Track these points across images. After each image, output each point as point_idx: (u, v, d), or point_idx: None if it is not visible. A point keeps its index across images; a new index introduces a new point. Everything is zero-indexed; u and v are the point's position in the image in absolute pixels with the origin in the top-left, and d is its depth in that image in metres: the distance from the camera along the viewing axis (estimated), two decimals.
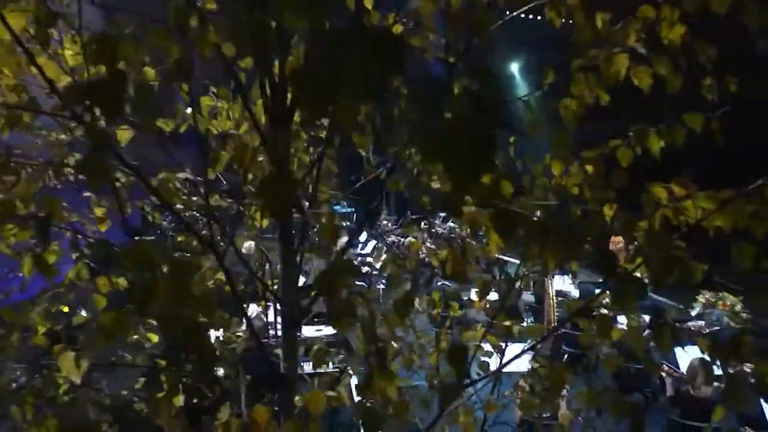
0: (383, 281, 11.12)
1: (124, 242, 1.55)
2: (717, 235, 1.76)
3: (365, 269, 12.02)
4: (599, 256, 1.09)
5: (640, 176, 1.76)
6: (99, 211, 1.92)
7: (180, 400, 2.07)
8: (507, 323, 2.05)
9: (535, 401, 2.22)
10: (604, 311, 2.52)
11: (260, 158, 2.09)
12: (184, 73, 1.16)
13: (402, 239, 12.07)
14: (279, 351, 2.03)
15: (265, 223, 2.81)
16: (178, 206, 2.10)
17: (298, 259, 2.11)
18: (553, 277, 9.32)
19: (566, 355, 8.00)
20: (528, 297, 11.08)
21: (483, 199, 1.11)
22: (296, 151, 2.65)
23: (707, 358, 1.34)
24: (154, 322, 1.88)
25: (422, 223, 15.41)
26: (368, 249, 13.27)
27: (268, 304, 3.57)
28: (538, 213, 1.25)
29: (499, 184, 1.13)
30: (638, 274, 1.51)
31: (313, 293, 1.97)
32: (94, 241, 1.70)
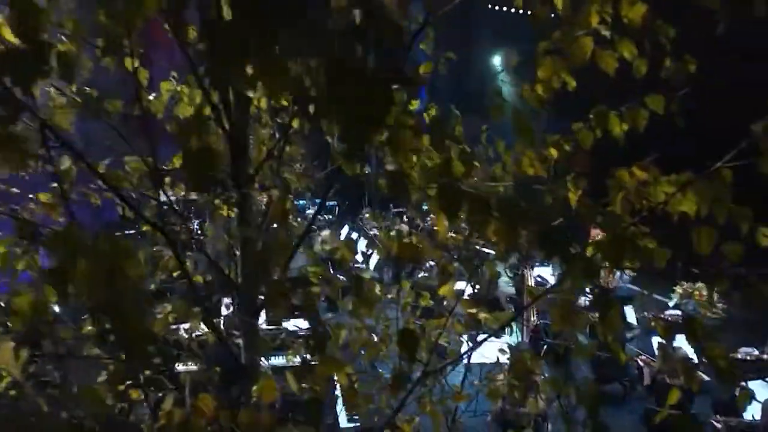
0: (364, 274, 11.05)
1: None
2: (682, 221, 1.75)
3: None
4: (545, 235, 1.06)
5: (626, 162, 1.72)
6: (44, 197, 1.85)
7: (138, 393, 2.02)
8: (473, 311, 2.03)
9: (503, 391, 2.20)
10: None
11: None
12: (113, 48, 1.10)
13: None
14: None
15: (233, 213, 2.74)
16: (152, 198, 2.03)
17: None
18: (532, 269, 9.37)
19: (545, 346, 8.05)
20: (510, 289, 11.15)
21: (433, 176, 1.07)
22: (264, 141, 2.60)
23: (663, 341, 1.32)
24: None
25: (404, 216, 15.39)
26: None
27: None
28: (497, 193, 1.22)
29: (450, 164, 1.09)
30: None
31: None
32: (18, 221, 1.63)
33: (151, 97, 2.42)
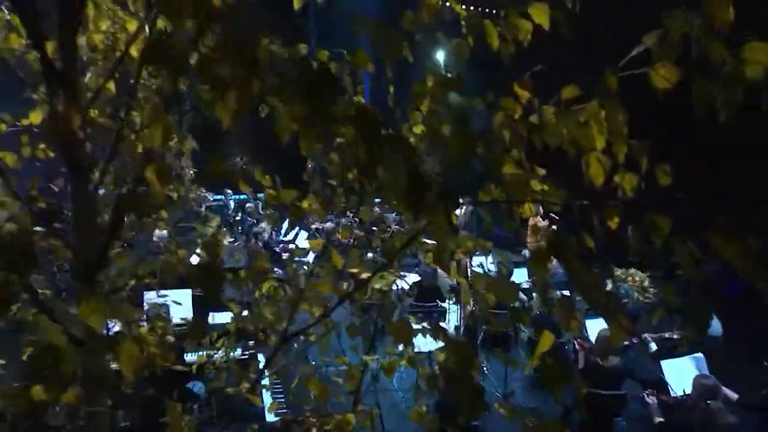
0: (305, 267, 10.73)
1: None
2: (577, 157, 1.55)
3: (286, 255, 11.60)
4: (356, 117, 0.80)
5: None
6: None
7: None
8: (354, 270, 1.77)
9: (396, 365, 1.97)
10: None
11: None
12: None
13: (323, 225, 11.70)
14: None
15: None
16: None
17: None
18: (471, 258, 9.29)
19: (482, 333, 7.98)
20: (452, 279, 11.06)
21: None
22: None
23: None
24: None
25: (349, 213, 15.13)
26: (291, 236, 12.81)
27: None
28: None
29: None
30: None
31: None
32: None
33: None
